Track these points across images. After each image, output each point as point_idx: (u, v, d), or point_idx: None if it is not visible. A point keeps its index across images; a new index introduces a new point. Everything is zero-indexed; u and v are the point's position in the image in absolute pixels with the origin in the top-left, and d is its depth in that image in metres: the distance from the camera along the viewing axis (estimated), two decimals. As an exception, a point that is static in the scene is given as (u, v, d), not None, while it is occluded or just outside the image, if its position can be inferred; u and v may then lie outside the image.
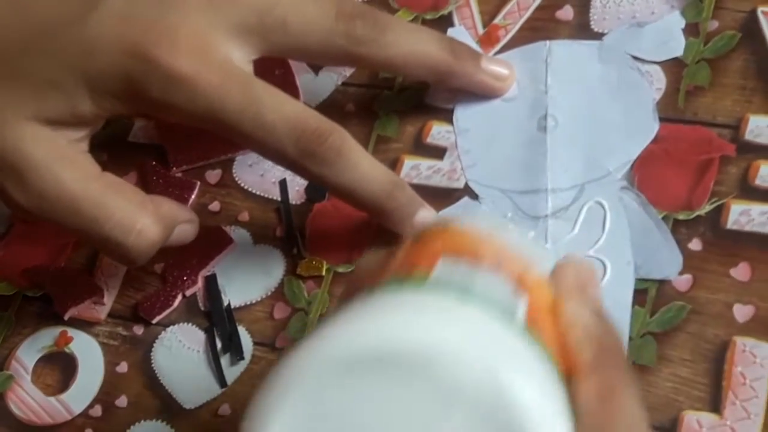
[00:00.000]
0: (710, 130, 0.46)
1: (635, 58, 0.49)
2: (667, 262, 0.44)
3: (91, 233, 0.45)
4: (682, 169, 0.46)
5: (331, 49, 0.46)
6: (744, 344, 0.42)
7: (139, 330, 0.51)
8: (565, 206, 0.46)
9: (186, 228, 0.48)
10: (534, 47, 0.51)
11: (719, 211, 0.44)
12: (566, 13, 0.51)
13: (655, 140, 0.47)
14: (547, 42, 0.51)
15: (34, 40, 0.44)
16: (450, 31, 0.52)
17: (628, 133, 0.47)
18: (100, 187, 0.45)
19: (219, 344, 0.49)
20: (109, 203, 0.45)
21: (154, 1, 0.44)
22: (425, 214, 0.47)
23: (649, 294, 0.44)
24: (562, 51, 0.50)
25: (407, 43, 0.46)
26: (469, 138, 0.49)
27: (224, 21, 0.44)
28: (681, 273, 0.44)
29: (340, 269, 0.49)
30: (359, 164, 0.44)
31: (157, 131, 0.55)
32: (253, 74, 0.45)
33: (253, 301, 0.50)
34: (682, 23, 0.49)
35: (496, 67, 0.49)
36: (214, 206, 0.52)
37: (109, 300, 0.52)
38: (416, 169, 0.50)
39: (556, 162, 0.47)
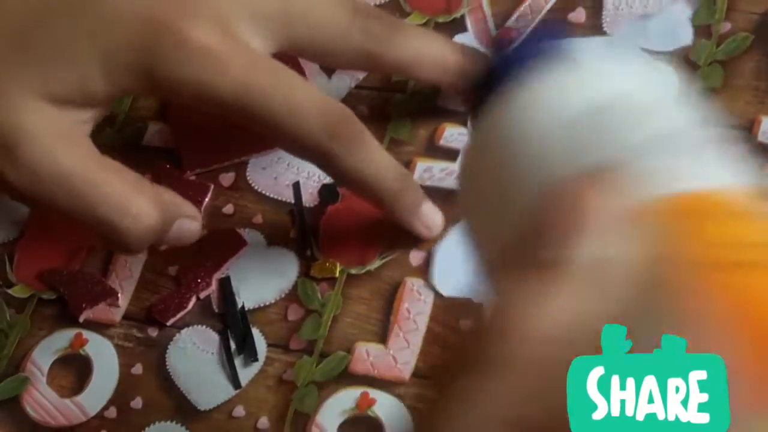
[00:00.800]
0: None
1: (646, 50, 0.49)
2: None
3: (85, 215, 0.43)
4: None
5: (349, 46, 0.46)
6: None
7: (153, 332, 0.51)
8: None
9: (188, 224, 0.47)
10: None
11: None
12: (578, 15, 0.51)
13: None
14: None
15: (49, 13, 0.43)
16: (457, 38, 0.52)
17: None
18: (97, 167, 0.44)
19: (233, 346, 0.49)
20: (105, 183, 0.43)
21: None
22: (429, 207, 0.47)
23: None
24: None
25: (421, 43, 0.47)
26: None
27: (247, 6, 0.44)
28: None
29: (354, 271, 0.49)
30: (377, 151, 0.45)
31: (171, 135, 0.55)
32: None
33: (267, 303, 0.50)
34: (688, 12, 0.49)
35: None
36: (228, 209, 0.53)
37: (123, 302, 0.52)
38: (429, 171, 0.50)
39: None
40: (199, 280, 0.51)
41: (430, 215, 0.47)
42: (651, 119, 0.30)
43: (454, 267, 0.47)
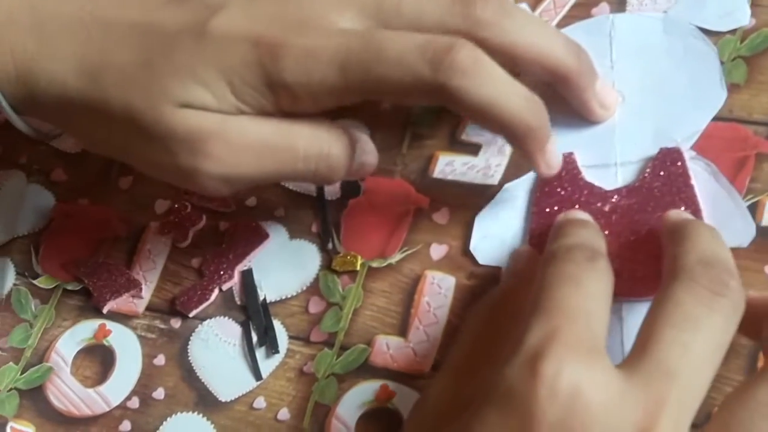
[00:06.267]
0: (746, 127, 0.46)
1: (701, 29, 0.48)
2: (740, 231, 0.44)
3: (292, 162, 0.45)
4: (717, 166, 0.45)
5: (449, 32, 0.43)
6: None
7: (176, 323, 0.52)
8: (635, 179, 0.46)
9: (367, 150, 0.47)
10: (597, 21, 0.50)
11: (755, 208, 0.44)
12: (602, 10, 0.51)
13: (691, 138, 0.47)
14: (610, 15, 0.50)
15: (169, 44, 0.44)
16: None
17: (695, 102, 0.47)
18: (274, 120, 0.45)
19: (255, 338, 0.50)
20: (292, 126, 0.45)
21: None
22: (553, 147, 0.44)
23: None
24: (625, 24, 0.50)
25: (531, 34, 0.44)
26: None
27: (342, 6, 0.44)
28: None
29: (375, 264, 0.49)
30: (497, 75, 0.42)
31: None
32: None
33: (289, 296, 0.50)
34: None
35: (606, 94, 0.47)
36: (251, 201, 0.53)
37: (147, 294, 0.53)
38: (451, 165, 0.50)
39: (624, 136, 0.47)
40: (221, 272, 0.52)
41: (556, 155, 0.45)
42: None
43: (491, 236, 0.47)
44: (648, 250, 0.42)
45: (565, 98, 0.47)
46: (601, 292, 0.38)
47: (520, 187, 0.48)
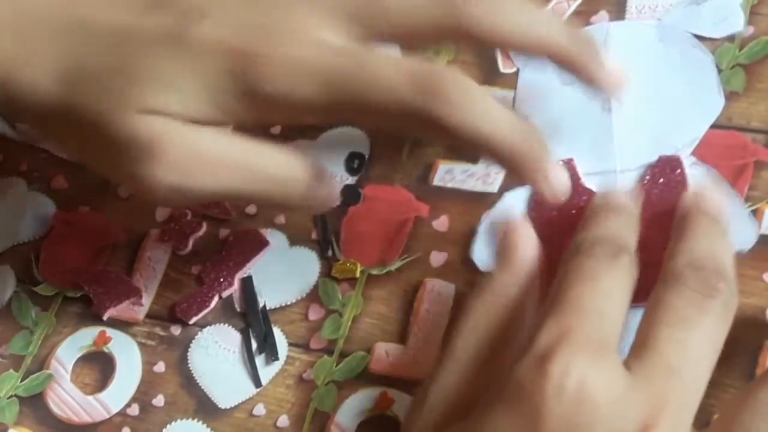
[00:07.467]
0: (744, 135, 0.46)
1: (696, 36, 0.48)
2: (742, 235, 0.44)
3: (252, 182, 0.44)
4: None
5: (439, 28, 0.43)
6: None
7: (176, 330, 0.52)
8: (634, 186, 0.46)
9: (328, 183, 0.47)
10: (593, 29, 0.50)
11: (754, 216, 0.44)
12: (601, 18, 0.51)
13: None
14: (607, 24, 0.50)
15: (139, 59, 0.43)
16: None
17: (692, 110, 0.47)
18: (240, 138, 0.44)
19: (254, 345, 0.50)
20: (257, 147, 0.44)
21: (252, 4, 0.43)
22: (556, 166, 0.42)
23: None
24: (621, 32, 0.50)
25: (525, 22, 0.43)
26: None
27: (324, 9, 0.43)
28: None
29: (374, 271, 0.49)
30: (486, 103, 0.41)
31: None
32: None
33: (288, 303, 0.50)
34: None
35: (613, 68, 0.45)
36: (251, 209, 0.53)
37: (147, 301, 0.53)
38: (450, 173, 0.50)
39: (623, 143, 0.47)
40: (221, 280, 0.52)
41: (557, 174, 0.42)
42: None
43: (491, 243, 0.48)
44: (644, 257, 0.42)
45: (569, 97, 0.47)
46: (618, 290, 0.38)
47: (520, 194, 0.48)
